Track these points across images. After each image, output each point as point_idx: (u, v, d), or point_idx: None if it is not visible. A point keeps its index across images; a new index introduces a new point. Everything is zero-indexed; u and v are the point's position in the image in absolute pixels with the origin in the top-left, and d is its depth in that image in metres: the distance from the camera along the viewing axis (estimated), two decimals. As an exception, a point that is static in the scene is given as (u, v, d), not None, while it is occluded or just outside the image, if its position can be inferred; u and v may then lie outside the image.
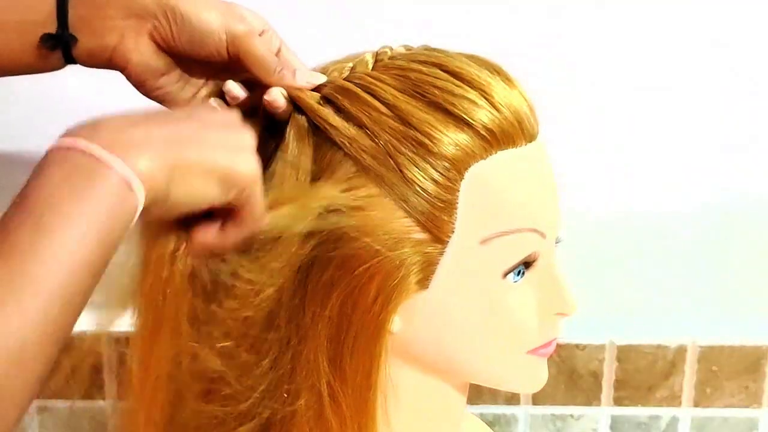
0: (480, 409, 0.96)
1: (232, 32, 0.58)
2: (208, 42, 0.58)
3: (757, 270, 0.97)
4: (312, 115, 0.58)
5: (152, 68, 0.60)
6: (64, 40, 0.59)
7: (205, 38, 0.58)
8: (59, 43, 0.59)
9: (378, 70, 0.60)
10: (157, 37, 0.59)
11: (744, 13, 0.90)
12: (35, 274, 0.42)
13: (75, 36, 0.58)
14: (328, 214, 0.56)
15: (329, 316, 0.58)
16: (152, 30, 0.58)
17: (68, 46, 0.59)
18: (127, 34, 0.58)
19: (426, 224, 0.57)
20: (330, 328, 0.58)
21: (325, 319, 0.58)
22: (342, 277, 0.57)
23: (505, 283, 0.59)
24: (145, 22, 0.58)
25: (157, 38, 0.59)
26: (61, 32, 0.58)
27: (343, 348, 0.58)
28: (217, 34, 0.58)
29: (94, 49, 0.59)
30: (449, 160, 0.56)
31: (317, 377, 0.58)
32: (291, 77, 0.58)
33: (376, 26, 0.87)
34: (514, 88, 0.59)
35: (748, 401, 0.97)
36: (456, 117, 0.57)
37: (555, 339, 0.63)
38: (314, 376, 0.58)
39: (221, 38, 0.58)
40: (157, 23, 0.58)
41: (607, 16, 0.89)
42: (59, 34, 0.58)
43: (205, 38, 0.58)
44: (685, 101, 0.92)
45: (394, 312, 0.58)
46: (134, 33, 0.58)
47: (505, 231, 0.58)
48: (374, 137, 0.57)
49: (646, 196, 0.94)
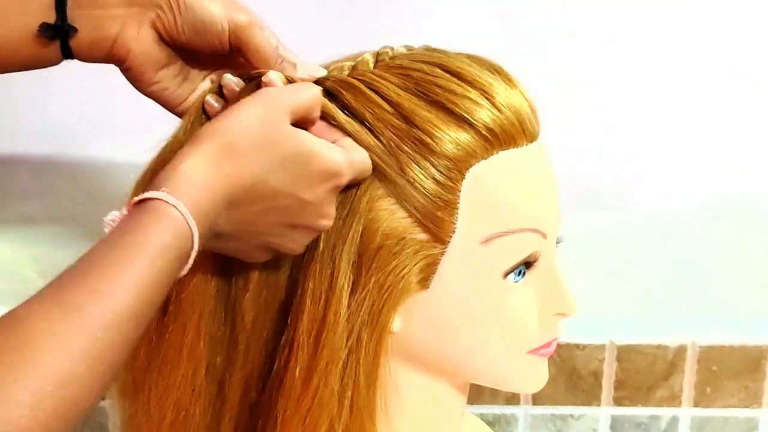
0: (480, 409, 0.96)
1: (235, 22, 0.57)
2: (210, 31, 0.58)
3: (757, 270, 0.97)
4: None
5: (152, 59, 0.59)
6: (64, 30, 0.58)
7: (208, 27, 0.57)
8: (58, 33, 0.58)
9: (380, 68, 0.60)
10: (160, 26, 0.58)
11: (744, 12, 0.90)
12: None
13: (74, 26, 0.58)
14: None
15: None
16: (155, 19, 0.58)
17: (67, 37, 0.58)
18: (129, 24, 0.58)
19: (427, 224, 0.57)
20: None
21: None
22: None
23: (505, 284, 0.59)
24: (148, 11, 0.58)
25: (160, 28, 0.58)
26: (60, 22, 0.57)
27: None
28: (220, 23, 0.57)
29: (94, 40, 0.58)
30: (451, 159, 0.56)
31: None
32: (292, 69, 0.58)
33: (377, 26, 0.87)
34: (515, 87, 0.59)
35: (748, 401, 0.97)
36: (457, 117, 0.57)
37: (555, 339, 0.64)
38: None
39: (224, 27, 0.57)
40: (160, 12, 0.58)
41: (606, 15, 0.89)
42: (58, 24, 0.57)
43: (208, 27, 0.57)
44: (685, 101, 0.91)
45: (395, 312, 0.58)
46: (136, 22, 0.58)
47: (506, 231, 0.58)
48: (377, 134, 0.57)
49: (646, 196, 0.94)
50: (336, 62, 0.62)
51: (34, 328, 0.42)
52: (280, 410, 0.58)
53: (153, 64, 0.59)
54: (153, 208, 0.48)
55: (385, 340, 0.59)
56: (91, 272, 0.45)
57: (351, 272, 0.57)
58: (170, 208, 0.48)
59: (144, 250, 0.46)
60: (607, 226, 0.95)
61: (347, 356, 0.58)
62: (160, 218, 0.47)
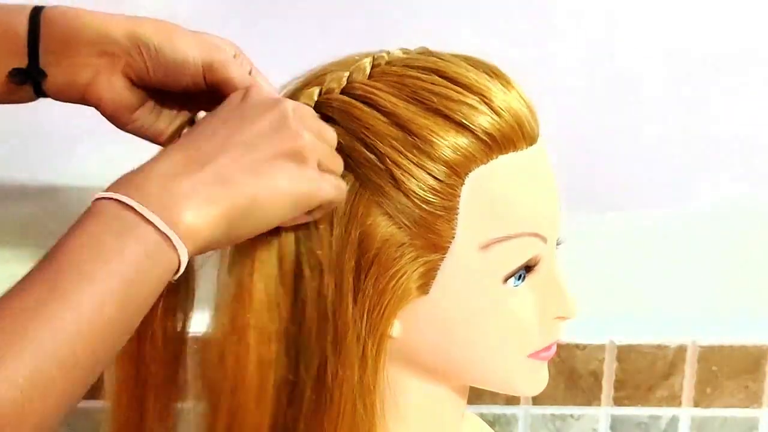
0: (480, 409, 0.96)
1: (209, 61, 0.57)
2: (184, 72, 0.57)
3: (757, 270, 0.97)
4: None
5: (125, 104, 0.59)
6: (33, 76, 0.57)
7: (181, 69, 0.57)
8: (28, 78, 0.58)
9: (375, 77, 0.59)
10: (131, 72, 0.57)
11: (744, 12, 0.89)
12: (33, 335, 0.43)
13: (44, 71, 0.57)
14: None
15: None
16: (126, 67, 0.57)
17: (38, 81, 0.58)
18: (101, 72, 0.57)
19: (427, 231, 0.57)
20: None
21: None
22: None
23: (505, 288, 0.59)
24: (119, 59, 0.57)
25: (131, 74, 0.58)
26: (31, 67, 0.57)
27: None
28: (193, 64, 0.57)
29: (65, 85, 0.58)
30: (450, 165, 0.56)
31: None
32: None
33: (378, 25, 0.87)
34: (513, 90, 0.59)
35: (748, 401, 0.97)
36: (456, 122, 0.56)
37: (555, 342, 0.63)
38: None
39: (197, 68, 0.57)
40: (130, 60, 0.57)
41: (606, 12, 0.89)
42: (28, 69, 0.57)
43: (182, 69, 0.57)
44: (685, 101, 0.91)
45: (394, 317, 0.58)
46: (107, 71, 0.57)
47: (506, 236, 0.58)
48: (374, 149, 0.56)
49: (646, 196, 0.94)
50: (335, 67, 0.61)
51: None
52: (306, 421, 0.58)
53: (126, 107, 0.59)
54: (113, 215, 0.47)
55: (384, 345, 0.58)
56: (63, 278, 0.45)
57: (353, 279, 0.57)
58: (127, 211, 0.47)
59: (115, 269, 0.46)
60: (607, 226, 0.95)
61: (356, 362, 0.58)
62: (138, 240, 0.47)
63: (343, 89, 0.59)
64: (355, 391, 0.58)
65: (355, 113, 0.57)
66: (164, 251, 0.47)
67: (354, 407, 0.58)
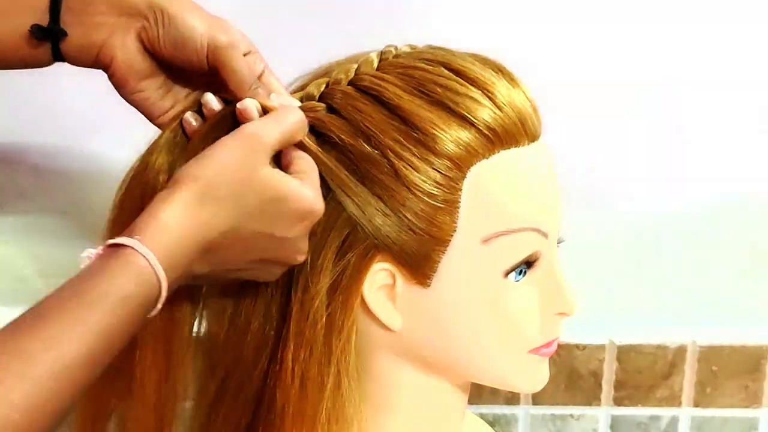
0: (480, 409, 0.96)
1: (214, 42, 0.58)
2: (189, 47, 0.58)
3: (757, 270, 0.97)
4: (319, 125, 0.58)
5: (136, 68, 0.60)
6: (54, 33, 0.59)
7: (187, 43, 0.58)
8: (48, 35, 0.59)
9: (382, 69, 0.60)
10: (144, 37, 0.59)
11: (744, 11, 0.90)
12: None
13: (65, 30, 0.59)
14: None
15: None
16: (140, 30, 0.59)
17: (57, 40, 0.59)
18: (116, 32, 0.59)
19: (428, 224, 0.57)
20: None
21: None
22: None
23: (506, 283, 0.59)
24: (135, 21, 0.59)
25: (144, 38, 0.59)
26: (52, 25, 0.59)
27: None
28: (199, 40, 0.58)
29: (83, 45, 0.59)
30: (452, 158, 0.56)
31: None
32: (264, 96, 0.59)
33: (378, 25, 0.87)
34: (517, 87, 0.59)
35: (748, 401, 0.97)
36: (459, 116, 0.57)
37: (556, 339, 0.64)
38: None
39: (202, 45, 0.58)
40: (146, 23, 0.58)
41: (607, 12, 0.89)
42: (50, 26, 0.59)
43: (188, 43, 0.58)
44: (685, 101, 0.92)
45: (362, 286, 0.59)
46: (123, 31, 0.59)
47: (507, 230, 0.58)
48: (375, 142, 0.57)
49: (646, 196, 0.94)
50: (343, 62, 0.62)
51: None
52: (279, 403, 0.59)
53: (136, 73, 0.60)
54: (122, 255, 0.49)
55: (353, 320, 0.59)
56: (48, 318, 0.46)
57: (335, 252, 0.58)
58: (140, 257, 0.49)
59: (105, 299, 0.47)
60: (607, 226, 0.95)
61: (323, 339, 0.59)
62: (128, 266, 0.48)
63: (350, 80, 0.60)
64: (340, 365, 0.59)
65: (358, 106, 0.58)
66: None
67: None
